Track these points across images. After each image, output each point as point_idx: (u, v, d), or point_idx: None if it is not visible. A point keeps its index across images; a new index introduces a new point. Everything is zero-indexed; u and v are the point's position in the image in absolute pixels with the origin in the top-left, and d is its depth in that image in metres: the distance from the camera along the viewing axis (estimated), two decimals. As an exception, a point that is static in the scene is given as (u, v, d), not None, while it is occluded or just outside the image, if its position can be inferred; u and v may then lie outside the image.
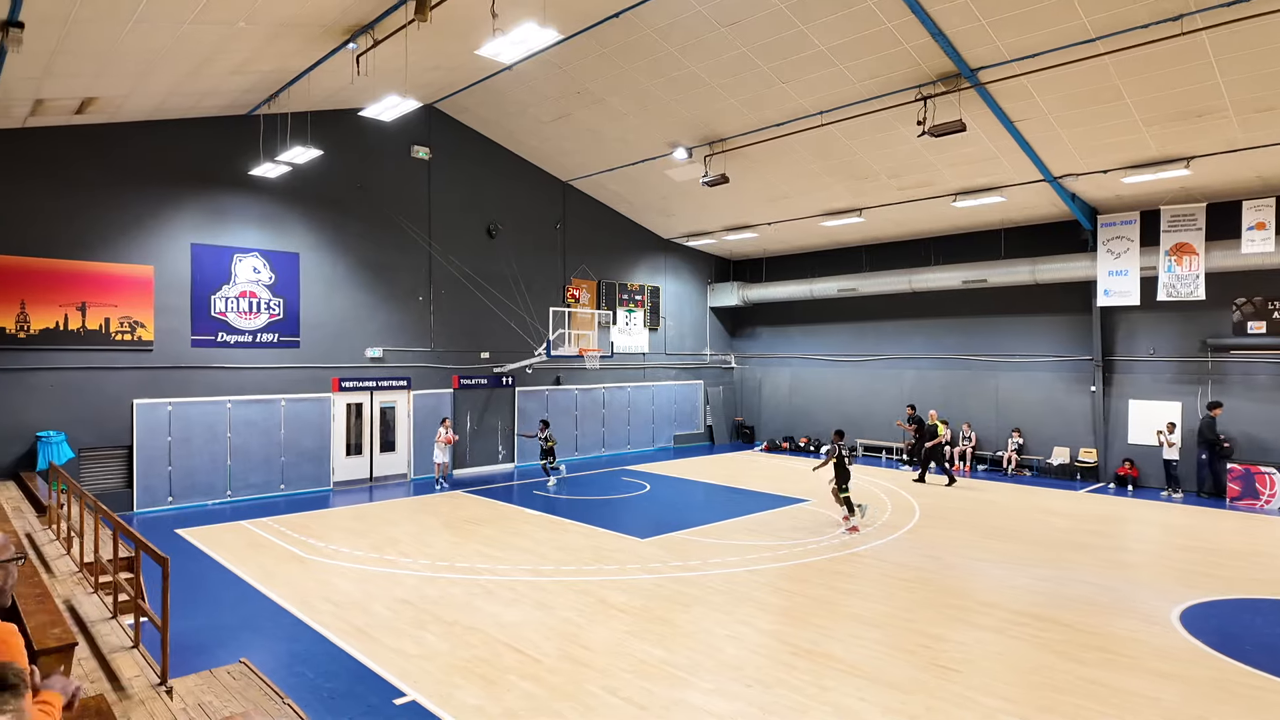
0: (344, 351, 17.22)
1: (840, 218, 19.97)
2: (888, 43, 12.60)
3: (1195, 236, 15.85)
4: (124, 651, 5.67)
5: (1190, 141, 13.96)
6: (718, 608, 9.10)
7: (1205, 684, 7.14)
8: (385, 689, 6.87)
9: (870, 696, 6.73)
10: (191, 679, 5.61)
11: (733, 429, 26.59)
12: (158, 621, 5.29)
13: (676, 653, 7.69)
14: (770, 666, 7.41)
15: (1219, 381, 16.88)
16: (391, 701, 6.62)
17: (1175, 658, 7.75)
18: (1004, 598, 9.60)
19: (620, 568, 10.77)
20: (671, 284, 24.96)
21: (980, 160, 15.94)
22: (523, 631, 8.23)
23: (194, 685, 5.50)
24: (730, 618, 8.77)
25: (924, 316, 21.91)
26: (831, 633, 8.34)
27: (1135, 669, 7.46)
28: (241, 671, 5.82)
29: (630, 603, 9.25)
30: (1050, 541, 12.55)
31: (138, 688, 5.00)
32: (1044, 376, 19.55)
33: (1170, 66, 11.88)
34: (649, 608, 9.07)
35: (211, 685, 5.60)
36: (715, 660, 7.53)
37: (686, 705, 6.54)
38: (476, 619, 8.63)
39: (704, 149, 17.45)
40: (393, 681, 7.00)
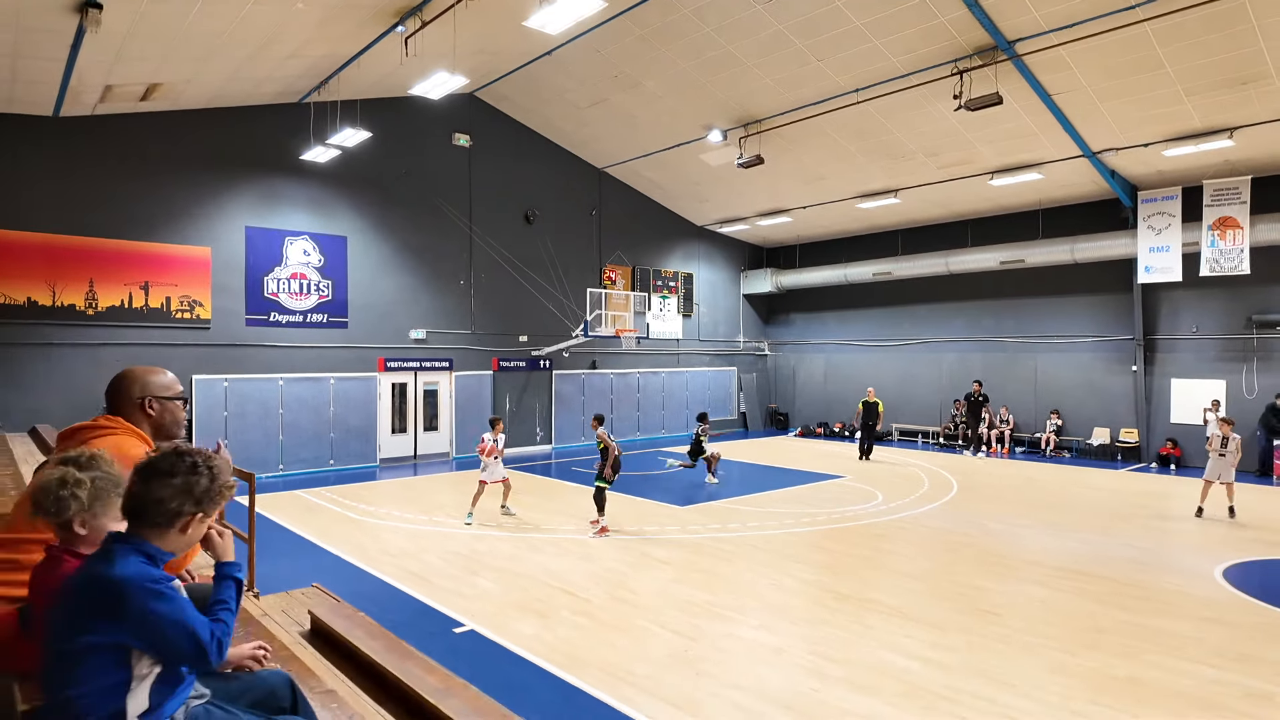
0: (389, 333, 17.75)
1: (876, 199, 20.01)
2: (923, 16, 12.69)
3: (1240, 210, 15.63)
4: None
5: (1234, 111, 13.80)
6: (760, 562, 9.32)
7: (1250, 628, 7.18)
8: (445, 620, 7.22)
9: (914, 634, 6.90)
10: (272, 596, 6.00)
11: (766, 415, 26.69)
12: (244, 535, 5.68)
13: (721, 596, 7.93)
14: (814, 609, 7.61)
15: (1265, 358, 16.62)
16: (452, 630, 6.96)
17: (1220, 605, 7.80)
18: (1046, 557, 9.67)
19: (661, 529, 11.04)
20: (705, 271, 25.17)
21: (1018, 136, 15.91)
22: (570, 577, 8.54)
23: (276, 600, 5.89)
24: (773, 570, 8.98)
25: (961, 299, 21.82)
26: (873, 582, 8.51)
27: (1179, 615, 7.53)
28: (315, 592, 6.20)
29: (673, 556, 9.51)
30: (1092, 511, 12.54)
31: (228, 593, 5.39)
32: (1083, 357, 19.37)
33: (1213, 33, 11.80)
34: (692, 560, 9.33)
35: (288, 602, 5.99)
36: (760, 603, 7.76)
37: (736, 638, 6.78)
38: (525, 568, 8.96)
39: (739, 131, 17.65)
40: (451, 615, 7.35)
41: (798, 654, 6.37)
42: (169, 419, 2.89)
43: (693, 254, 24.83)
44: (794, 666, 6.11)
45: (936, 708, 5.42)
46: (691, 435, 16.33)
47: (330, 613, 5.24)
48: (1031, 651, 6.51)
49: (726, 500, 13.28)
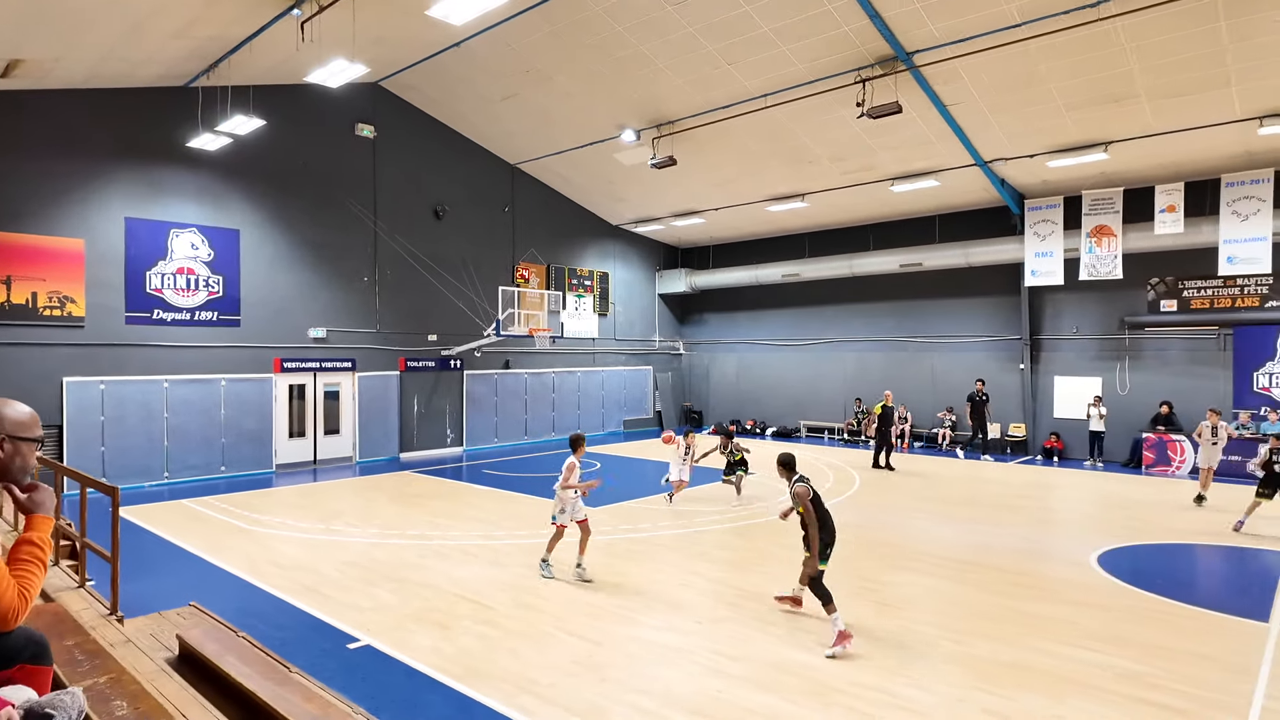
0: (286, 331, 16.86)
1: (785, 203, 20.48)
2: (828, 25, 13.04)
3: (1113, 219, 16.84)
4: (70, 591, 5.56)
5: (1108, 127, 14.84)
6: (668, 562, 9.33)
7: (1121, 611, 7.68)
8: (339, 636, 6.86)
9: (815, 629, 7.03)
10: (140, 619, 5.53)
11: (682, 414, 26.94)
12: (106, 554, 5.21)
13: (629, 599, 7.87)
14: (719, 607, 7.66)
15: (1135, 357, 17.97)
16: (345, 646, 6.62)
17: (1096, 590, 8.31)
18: (938, 548, 10.10)
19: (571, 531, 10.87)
20: (620, 270, 25.15)
21: (916, 144, 16.60)
22: (475, 586, 8.29)
23: (144, 623, 5.43)
24: (680, 569, 9.00)
25: (864, 300, 22.62)
26: (776, 578, 8.64)
27: (1059, 600, 7.98)
28: (191, 612, 5.76)
29: (583, 560, 9.37)
30: (981, 503, 13.20)
31: (87, 618, 4.92)
32: (976, 356, 20.43)
33: (1089, 53, 12.64)
34: (601, 563, 9.23)
35: (158, 625, 5.53)
36: (667, 604, 7.74)
37: (640, 640, 6.73)
38: (428, 577, 8.65)
39: (652, 131, 17.68)
40: (346, 630, 6.99)
41: (702, 654, 6.38)
42: (18, 464, 2.54)
43: (608, 253, 24.76)
44: (698, 667, 6.11)
45: (835, 702, 5.52)
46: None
47: (203, 635, 4.87)
48: (926, 642, 6.74)
49: (638, 500, 13.27)
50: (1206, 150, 15.17)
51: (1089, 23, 11.71)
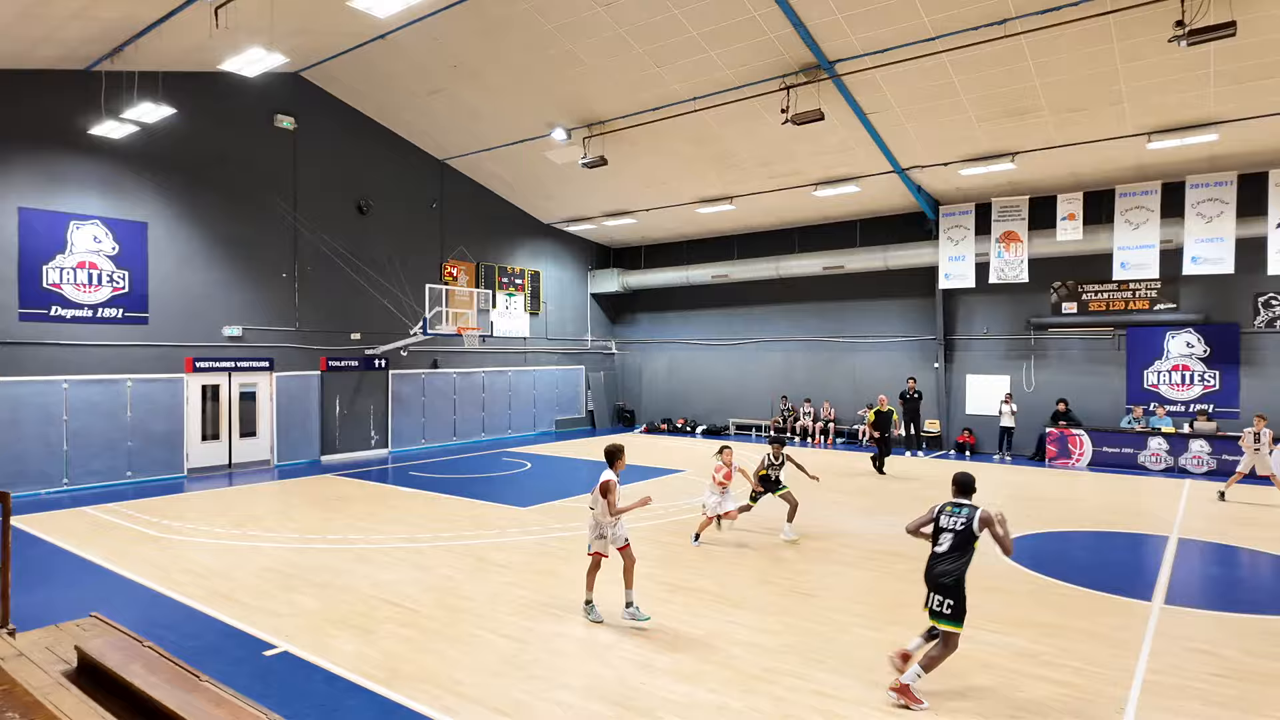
0: (199, 330, 16.14)
1: (714, 205, 20.84)
2: (754, 31, 13.36)
3: (1020, 225, 17.82)
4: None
5: (1015, 138, 15.70)
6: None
7: (1022, 595, 8.17)
8: (254, 643, 6.65)
9: (739, 619, 7.23)
10: (35, 632, 5.24)
11: (614, 413, 27.04)
12: (-6, 564, 4.91)
13: (558, 597, 7.90)
14: (647, 602, 7.75)
15: (1040, 356, 19.06)
16: (261, 654, 6.42)
17: (999, 576, 8.80)
18: (857, 539, 10.51)
19: (501, 532, 10.84)
20: (552, 269, 25.05)
21: (839, 151, 17.16)
22: (400, 588, 8.16)
23: (38, 636, 5.15)
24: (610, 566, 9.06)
25: (790, 301, 23.23)
26: (704, 572, 8.84)
27: (968, 588, 8.40)
28: (93, 623, 5.48)
29: (512, 559, 9.36)
30: (899, 496, 13.77)
31: (-27, 633, 4.63)
32: (895, 355, 21.27)
33: (997, 68, 13.35)
34: (531, 562, 9.23)
35: (55, 637, 5.25)
36: (596, 600, 7.79)
37: (569, 637, 6.78)
38: (351, 580, 8.46)
39: (582, 131, 17.71)
40: (261, 637, 6.78)
41: (628, 648, 6.47)
42: None
43: (540, 251, 24.64)
44: (623, 661, 6.20)
45: (755, 689, 5.70)
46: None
47: (106, 646, 4.66)
48: (842, 629, 7.02)
49: (571, 499, 13.28)
50: (1102, 162, 16.22)
51: (995, 39, 12.38)
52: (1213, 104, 13.63)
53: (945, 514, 5.97)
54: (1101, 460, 17.21)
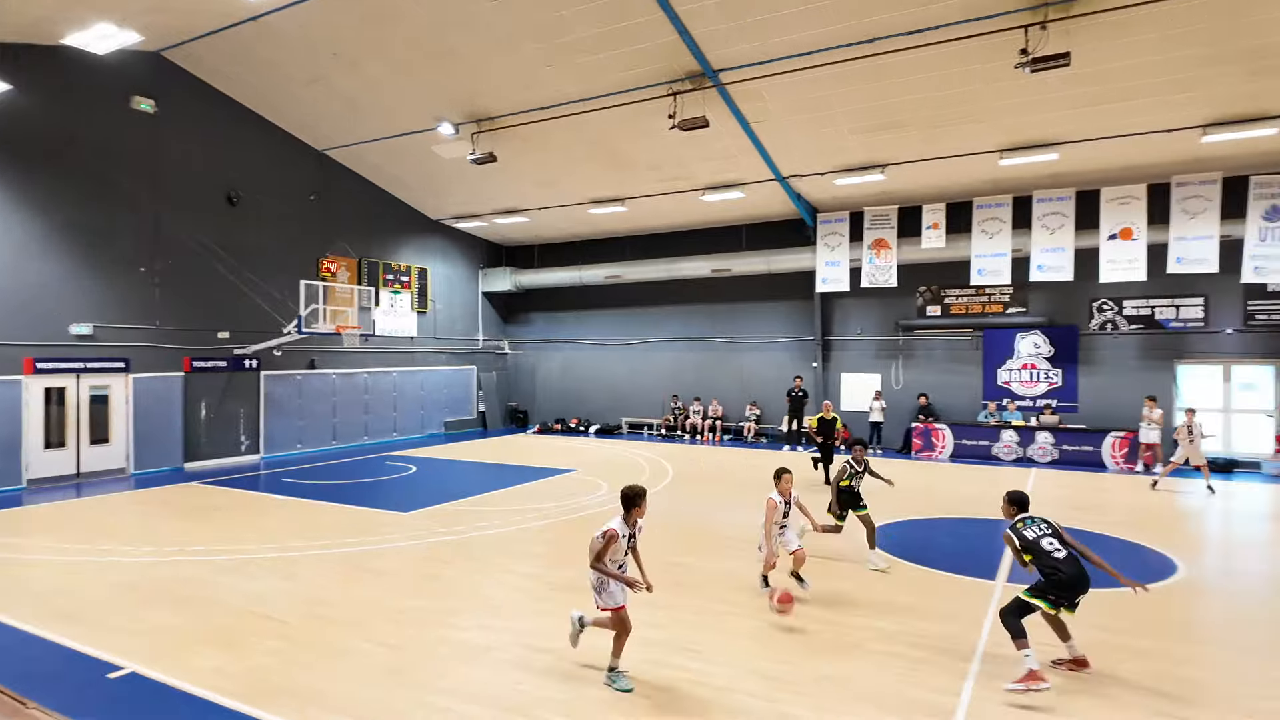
0: (40, 327, 14.68)
1: (606, 206, 20.99)
2: (642, 37, 13.57)
3: (889, 233, 18.99)
4: None
5: (886, 151, 16.71)
6: (484, 562, 9.28)
7: (888, 580, 8.73)
8: (101, 666, 6.15)
9: (621, 615, 7.34)
10: None
11: (506, 414, 26.70)
12: None
13: (439, 602, 7.76)
14: (531, 603, 7.77)
15: (908, 356, 20.39)
16: (106, 676, 5.95)
17: (867, 562, 9.37)
18: (740, 532, 10.87)
19: (382, 539, 10.50)
20: (441, 266, 24.45)
21: (725, 157, 17.69)
22: (269, 601, 7.76)
23: None
24: (495, 568, 8.99)
25: (681, 302, 23.74)
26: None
27: (839, 576, 8.91)
28: (-100, 654, 4.92)
29: (391, 565, 9.10)
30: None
31: None
32: (777, 355, 22.17)
33: (869, 83, 14.17)
34: (413, 568, 9.01)
35: None
36: (479, 603, 7.72)
37: (448, 642, 6.67)
38: (214, 594, 7.97)
39: (471, 126, 17.39)
40: (109, 658, 6.28)
41: (508, 650, 6.45)
42: None
43: (428, 248, 23.98)
44: (503, 663, 6.18)
45: (638, 681, 5.81)
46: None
47: (-86, 678, 4.19)
48: (722, 620, 7.28)
49: (457, 502, 13.03)
50: (962, 176, 17.55)
51: (866, 57, 13.15)
52: (1054, 126, 15.03)
53: (1030, 529, 6.20)
54: (961, 452, 18.62)
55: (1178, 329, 17.53)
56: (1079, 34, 11.82)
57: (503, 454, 19.64)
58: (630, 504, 5.88)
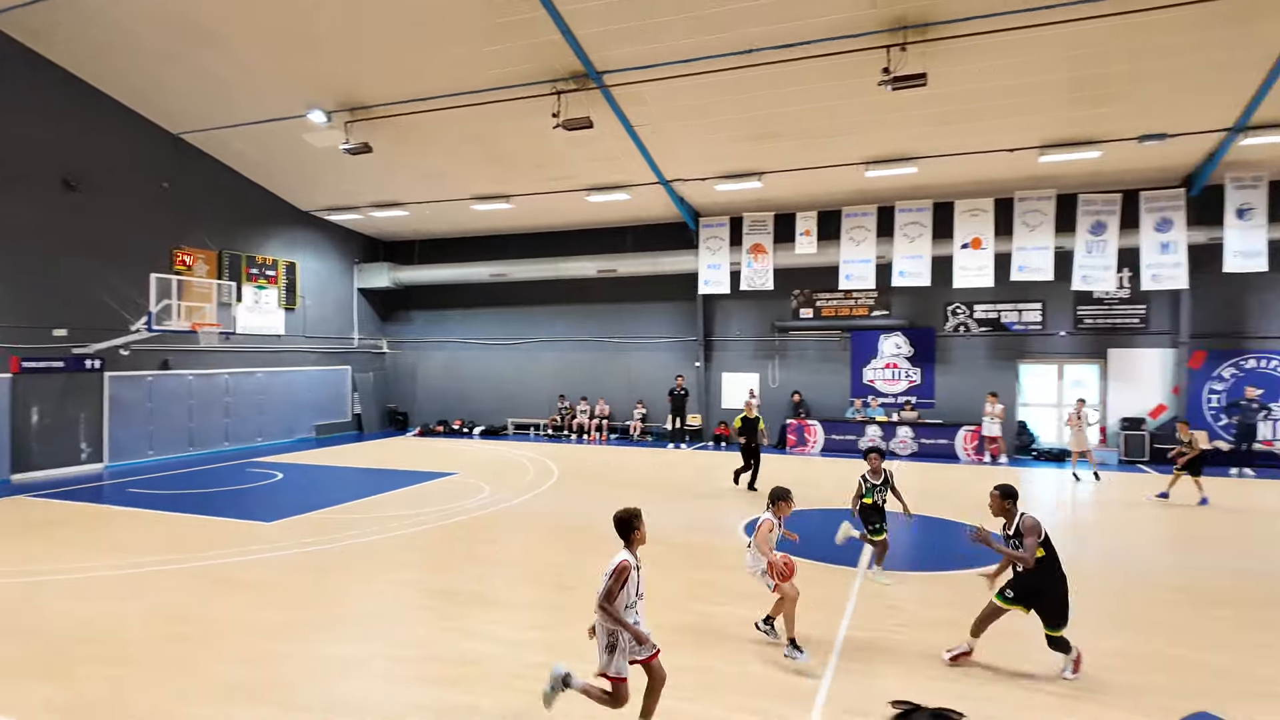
0: None
1: (490, 202, 20.64)
2: (526, 33, 13.44)
3: (766, 239, 19.77)
4: None
5: (763, 159, 17.38)
6: (356, 571, 8.90)
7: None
8: (-105, 708, 5.43)
9: (501, 619, 7.26)
10: None
11: (384, 416, 25.69)
12: None
13: (307, 614, 7.37)
14: (404, 611, 7.54)
15: (784, 356, 21.32)
16: (-94, 719, 5.27)
17: (739, 554, 9.67)
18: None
19: (243, 549, 9.85)
20: (312, 260, 23.19)
21: (609, 159, 17.82)
22: (108, 623, 7.11)
23: None
24: (367, 578, 8.65)
25: (568, 302, 23.70)
26: (470, 575, 8.75)
27: (713, 567, 9.21)
28: None
29: (254, 579, 8.56)
30: (661, 487, 14.66)
31: None
32: (663, 355, 22.58)
33: (747, 93, 14.68)
34: (277, 580, 8.51)
35: None
36: (349, 614, 7.41)
37: (315, 656, 6.36)
38: (42, 619, 7.20)
39: (345, 114, 16.61)
40: (-92, 699, 5.56)
41: (378, 661, 6.22)
42: None
43: (298, 241, 22.69)
44: (372, 675, 5.96)
45: (512, 686, 5.76)
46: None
47: None
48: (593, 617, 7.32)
49: (327, 510, 12.41)
50: (832, 186, 18.51)
51: (744, 67, 13.63)
52: (913, 141, 16.15)
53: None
54: (831, 447, 19.67)
55: (1020, 331, 19.30)
56: (935, 57, 12.76)
57: (379, 458, 18.90)
58: (630, 528, 5.03)
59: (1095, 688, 5.80)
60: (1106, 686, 5.82)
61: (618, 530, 5.14)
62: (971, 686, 5.83)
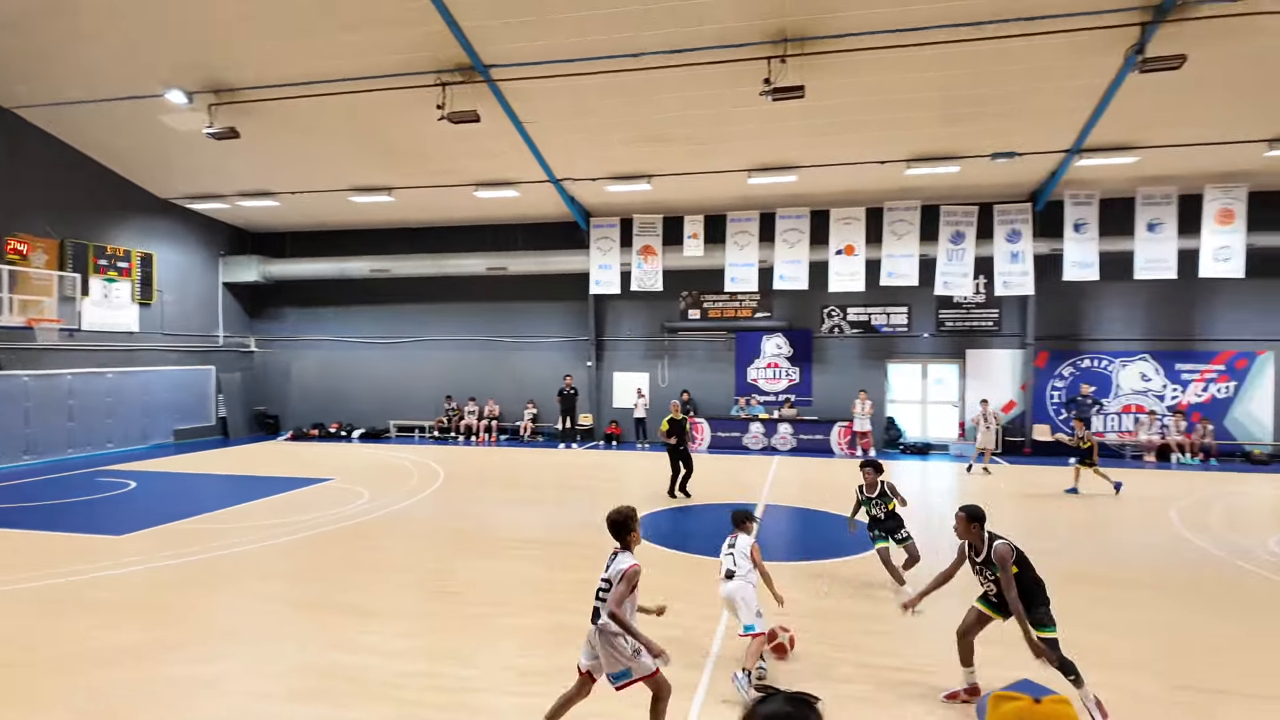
0: None
1: (371, 195, 19.83)
2: (409, 21, 13.00)
3: (656, 241, 20.09)
4: None
5: (652, 162, 17.63)
6: (219, 586, 8.33)
7: (646, 566, 9.19)
8: None
9: (375, 628, 6.99)
10: None
11: (253, 419, 24.13)
12: None
13: (159, 635, 6.82)
14: (270, 625, 7.13)
15: (673, 356, 21.72)
16: None
17: (626, 553, 9.83)
18: (512, 531, 10.89)
19: (93, 566, 9.00)
20: (171, 252, 21.48)
21: (497, 155, 17.54)
22: (-80, 654, 6.32)
23: None
24: (230, 592, 8.12)
25: (456, 300, 23.13)
26: (343, 585, 8.38)
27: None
28: None
29: (100, 599, 7.83)
30: (555, 486, 14.61)
31: None
32: (554, 355, 22.46)
33: (636, 96, 14.85)
34: (127, 600, 7.83)
35: None
36: (209, 632, 6.92)
37: (163, 679, 5.89)
38: None
39: (209, 97, 15.48)
40: None
41: (238, 679, 5.86)
42: None
43: (155, 231, 20.95)
44: (231, 694, 5.60)
45: (386, 697, 5.57)
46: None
47: None
48: (482, 623, 7.21)
49: (189, 520, 11.54)
50: (718, 191, 19.04)
51: (633, 70, 13.78)
52: (793, 151, 16.86)
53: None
54: (718, 444, 20.25)
55: (888, 333, 20.56)
56: (813, 71, 13.38)
57: (247, 464, 17.75)
58: (627, 529, 4.85)
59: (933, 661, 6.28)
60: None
61: (614, 532, 4.89)
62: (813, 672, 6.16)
